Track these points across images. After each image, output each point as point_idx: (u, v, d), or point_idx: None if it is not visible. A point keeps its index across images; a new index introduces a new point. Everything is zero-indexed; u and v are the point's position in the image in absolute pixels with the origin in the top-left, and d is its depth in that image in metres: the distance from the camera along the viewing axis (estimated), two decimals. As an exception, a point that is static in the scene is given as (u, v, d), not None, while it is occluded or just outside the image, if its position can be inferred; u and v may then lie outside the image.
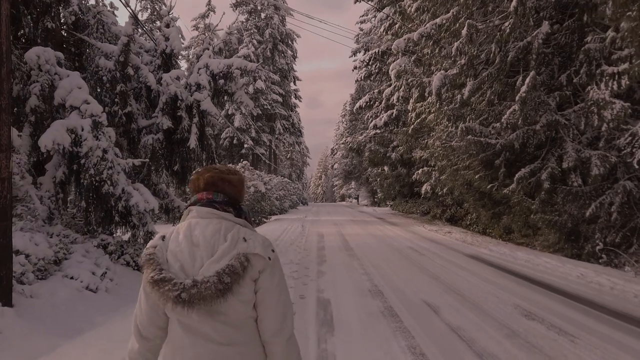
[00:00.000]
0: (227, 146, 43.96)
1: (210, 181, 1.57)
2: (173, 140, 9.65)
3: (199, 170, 1.66)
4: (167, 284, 1.37)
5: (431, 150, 12.22)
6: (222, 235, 1.47)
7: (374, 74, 21.29)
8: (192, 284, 1.37)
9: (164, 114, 9.38)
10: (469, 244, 11.66)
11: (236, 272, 1.38)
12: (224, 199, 1.56)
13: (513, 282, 6.81)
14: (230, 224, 1.52)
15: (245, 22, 48.37)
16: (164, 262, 1.45)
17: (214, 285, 1.35)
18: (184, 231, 1.51)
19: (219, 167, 1.65)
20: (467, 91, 9.60)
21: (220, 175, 1.59)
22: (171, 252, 1.47)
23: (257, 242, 1.47)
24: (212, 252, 1.44)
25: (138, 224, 8.23)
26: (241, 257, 1.41)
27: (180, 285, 1.37)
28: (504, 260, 8.93)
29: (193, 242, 1.47)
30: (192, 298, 1.35)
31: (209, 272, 1.39)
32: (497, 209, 13.10)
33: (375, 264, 8.43)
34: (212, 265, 1.41)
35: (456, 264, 8.47)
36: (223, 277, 1.37)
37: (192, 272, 1.43)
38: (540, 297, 5.94)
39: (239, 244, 1.45)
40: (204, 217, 1.52)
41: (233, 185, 1.60)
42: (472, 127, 9.95)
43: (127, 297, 6.94)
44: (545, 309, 5.32)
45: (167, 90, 9.27)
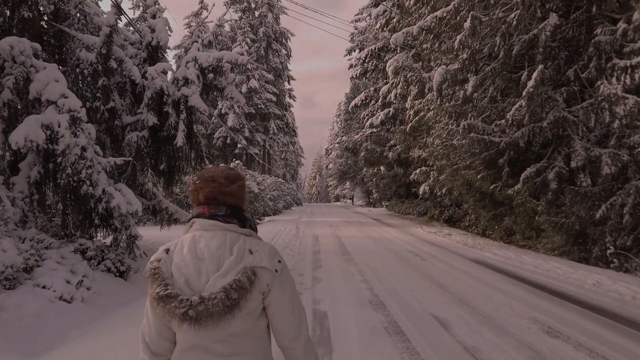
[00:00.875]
0: (221, 146, 43.51)
1: (210, 196, 1.52)
2: (159, 138, 9.11)
3: (196, 182, 1.57)
4: (174, 301, 1.33)
5: (430, 149, 11.74)
6: (227, 248, 1.43)
7: (370, 71, 20.76)
8: (199, 300, 1.33)
9: (149, 110, 8.83)
10: (471, 246, 11.18)
11: (243, 287, 1.35)
12: (227, 212, 1.52)
13: (525, 291, 6.32)
14: (235, 236, 1.47)
15: (238, 21, 48.02)
16: (169, 277, 1.41)
17: (221, 302, 1.32)
18: (188, 244, 1.47)
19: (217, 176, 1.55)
20: (470, 87, 9.11)
21: (219, 189, 1.52)
22: (176, 265, 1.43)
23: (263, 253, 1.43)
24: (218, 266, 1.40)
25: (120, 227, 7.68)
26: (248, 272, 1.37)
27: (187, 302, 1.33)
28: (511, 265, 8.45)
29: (198, 256, 1.43)
30: (200, 315, 1.32)
31: (215, 288, 1.36)
32: (498, 210, 12.66)
33: (375, 270, 7.94)
34: (218, 280, 1.37)
35: (461, 269, 7.98)
36: (230, 292, 1.33)
37: (197, 287, 1.39)
38: (558, 308, 5.42)
39: (245, 257, 1.41)
40: (208, 229, 1.48)
41: (234, 195, 1.55)
42: (475, 125, 9.47)
43: (106, 307, 6.40)
44: (568, 324, 4.81)
45: (152, 85, 8.72)
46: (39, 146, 6.58)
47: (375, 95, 20.92)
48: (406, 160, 19.47)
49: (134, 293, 7.42)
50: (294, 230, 16.17)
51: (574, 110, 8.71)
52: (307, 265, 8.54)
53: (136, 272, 8.17)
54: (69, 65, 8.75)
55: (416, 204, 23.57)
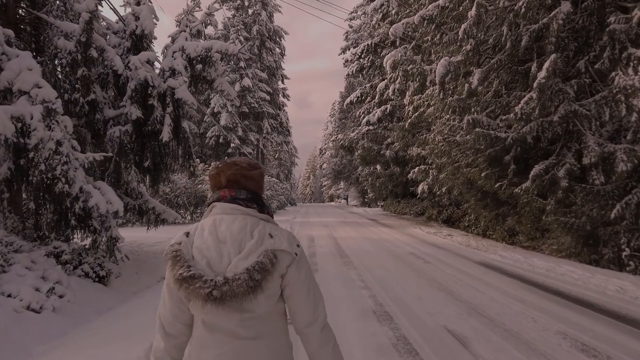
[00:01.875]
0: (213, 145, 42.98)
1: (233, 179, 1.56)
2: (144, 133, 8.50)
3: (219, 166, 1.60)
4: (198, 281, 1.35)
5: (431, 146, 11.20)
6: (248, 231, 1.46)
7: (366, 67, 20.21)
8: (224, 281, 1.36)
9: (133, 103, 8.23)
10: (475, 248, 10.64)
11: (265, 268, 1.38)
12: (247, 196, 1.55)
13: (544, 299, 5.74)
14: (255, 220, 1.50)
15: (232, 18, 47.53)
16: (190, 259, 1.43)
17: (245, 283, 1.34)
18: (208, 227, 1.48)
19: (240, 162, 1.60)
20: (475, 79, 8.58)
21: (242, 172, 1.56)
22: (197, 248, 1.45)
23: (283, 237, 1.46)
24: (240, 249, 1.43)
25: (100, 229, 7.08)
26: (269, 254, 1.40)
27: (211, 282, 1.35)
28: (521, 268, 7.89)
29: (219, 239, 1.46)
30: (224, 295, 1.34)
31: (238, 269, 1.38)
32: (500, 210, 12.17)
33: (376, 275, 7.38)
34: (241, 262, 1.40)
35: (469, 274, 7.42)
36: (253, 274, 1.36)
37: (219, 269, 1.41)
38: (587, 320, 4.83)
39: (265, 240, 1.44)
40: (229, 213, 1.51)
41: (255, 180, 1.59)
42: (480, 120, 8.94)
43: (81, 317, 5.81)
44: (602, 339, 4.20)
45: (135, 76, 8.12)
46: (8, 140, 5.99)
47: (371, 92, 20.35)
48: (403, 158, 18.92)
49: (114, 300, 6.84)
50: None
51: (585, 104, 8.20)
52: None
53: (118, 277, 7.59)
54: (47, 54, 8.15)
55: (413, 204, 23.04)
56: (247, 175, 1.56)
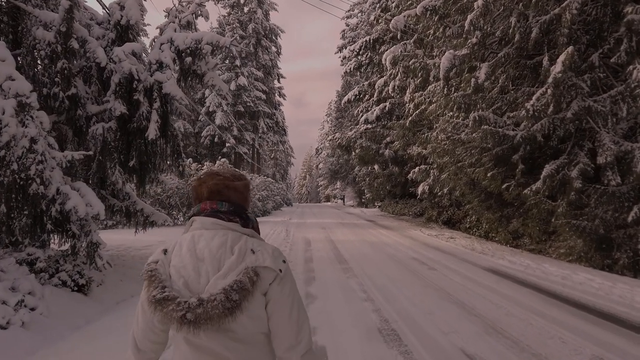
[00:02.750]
0: (208, 145, 42.57)
1: (215, 189, 1.46)
2: (129, 130, 7.96)
3: (200, 177, 1.52)
4: (171, 304, 1.26)
5: (433, 145, 10.69)
6: (228, 247, 1.36)
7: (364, 64, 19.65)
8: (198, 302, 1.25)
9: (117, 98, 7.69)
10: (480, 252, 10.12)
11: (245, 288, 1.27)
12: (230, 208, 1.45)
13: (568, 313, 5.15)
14: (237, 235, 1.40)
15: (227, 17, 47.11)
16: (167, 279, 1.34)
17: (221, 304, 1.24)
18: (187, 244, 1.39)
19: (223, 172, 1.52)
20: (483, 73, 8.07)
21: (225, 182, 1.47)
22: (174, 267, 1.37)
23: (266, 253, 1.36)
24: (219, 267, 1.33)
25: (79, 233, 6.55)
26: (250, 272, 1.30)
27: (185, 304, 1.25)
28: (534, 276, 7.34)
29: (197, 256, 1.36)
30: (198, 318, 1.24)
31: (215, 289, 1.28)
32: (505, 212, 11.70)
33: (379, 284, 6.81)
34: (219, 281, 1.30)
35: (479, 282, 6.86)
36: (231, 294, 1.26)
37: (197, 288, 1.32)
38: (621, 340, 4.23)
39: (247, 256, 1.34)
40: (209, 228, 1.42)
41: (239, 192, 1.49)
42: (486, 117, 8.43)
43: (55, 332, 5.27)
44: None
45: (119, 68, 7.58)
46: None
47: (369, 90, 19.81)
48: (402, 158, 18.40)
49: (95, 311, 6.29)
50: (284, 233, 15.02)
51: (599, 100, 7.70)
52: (299, 277, 7.39)
53: (100, 285, 7.05)
54: (24, 46, 7.59)
55: (411, 205, 22.53)
56: (230, 186, 1.47)
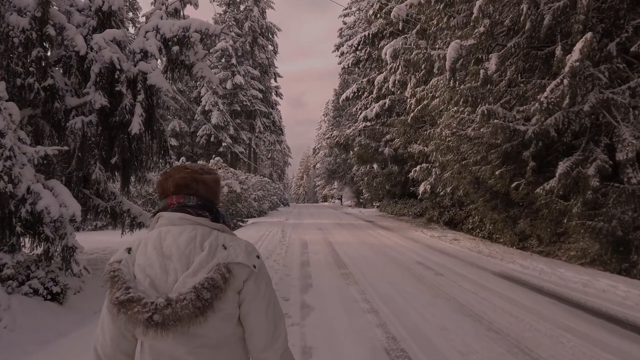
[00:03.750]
0: (204, 144, 42.21)
1: (182, 183, 1.37)
2: (111, 125, 7.38)
3: (167, 171, 1.43)
4: (136, 305, 1.16)
5: (436, 142, 10.13)
6: (198, 243, 1.27)
7: (362, 60, 19.08)
8: (166, 303, 1.16)
9: (97, 89, 7.12)
10: (488, 255, 9.55)
11: (217, 285, 1.19)
12: (198, 202, 1.36)
13: (601, 329, 4.55)
14: (206, 230, 1.32)
15: (223, 15, 46.65)
16: (131, 279, 1.24)
17: (191, 303, 1.16)
18: (153, 241, 1.30)
19: (191, 166, 1.43)
20: (493, 64, 7.50)
21: (192, 175, 1.38)
22: (139, 266, 1.27)
23: (239, 248, 1.28)
24: (188, 264, 1.24)
25: (53, 236, 5.98)
26: (222, 268, 1.22)
27: (151, 305, 1.16)
28: (552, 282, 6.70)
29: (164, 254, 1.26)
30: (167, 320, 1.15)
31: (184, 288, 1.19)
32: (511, 212, 11.16)
33: (382, 292, 6.17)
34: (189, 279, 1.21)
35: (493, 290, 6.26)
36: (202, 292, 1.17)
37: (164, 288, 1.23)
38: None
39: (218, 252, 1.26)
40: (176, 224, 1.32)
41: (208, 186, 1.40)
42: (495, 111, 7.88)
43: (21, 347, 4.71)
44: None
45: (100, 57, 6.99)
46: None
47: (368, 87, 19.23)
48: (402, 157, 17.82)
49: (70, 322, 5.71)
50: (280, 234, 14.41)
51: (618, 92, 7.15)
52: (294, 283, 6.78)
53: (78, 292, 6.47)
54: (-2, 33, 7.01)
55: (411, 205, 21.96)
56: (198, 180, 1.38)
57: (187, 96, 44.80)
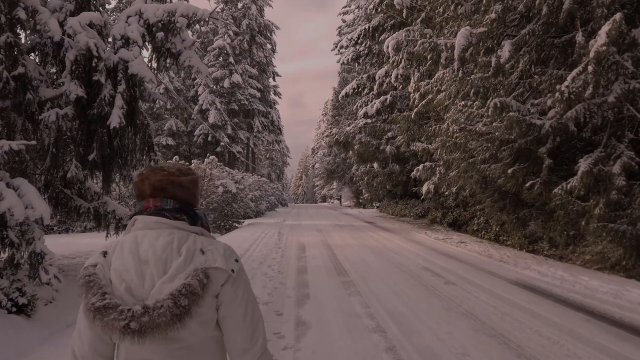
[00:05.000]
0: (202, 143, 41.74)
1: (158, 186, 1.31)
2: (89, 118, 6.72)
3: (143, 172, 1.37)
4: (112, 312, 1.12)
5: (442, 139, 9.49)
6: (175, 248, 1.23)
7: (362, 55, 18.44)
8: (143, 310, 1.13)
9: (74, 79, 6.47)
10: (499, 260, 8.90)
11: (194, 292, 1.15)
12: (175, 206, 1.31)
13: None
14: (184, 234, 1.27)
15: (220, 12, 46.13)
16: (107, 284, 1.20)
17: (168, 311, 1.12)
18: (129, 245, 1.26)
19: (168, 167, 1.36)
20: (506, 51, 6.86)
21: (169, 178, 1.32)
22: (115, 271, 1.22)
23: (217, 253, 1.24)
24: (165, 270, 1.20)
25: (19, 241, 5.35)
26: (200, 274, 1.17)
27: (128, 313, 1.12)
28: (576, 292, 6.05)
29: (141, 259, 1.22)
30: (144, 327, 1.11)
31: (161, 294, 1.16)
32: (521, 213, 10.53)
33: (389, 306, 5.43)
34: (165, 285, 1.17)
35: (513, 303, 5.57)
36: (179, 299, 1.13)
37: (141, 294, 1.19)
38: None
39: (196, 257, 1.22)
40: (152, 227, 1.28)
41: (185, 188, 1.34)
42: (509, 103, 7.24)
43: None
44: None
45: (75, 44, 6.35)
46: None
47: (368, 83, 18.57)
48: (404, 155, 17.17)
49: (37, 338, 5.08)
50: (276, 236, 13.74)
51: (644, 81, 6.52)
52: (289, 294, 6.07)
53: (49, 303, 5.82)
54: (-37, 17, 6.35)
55: (412, 205, 21.32)
56: (175, 182, 1.32)
57: (184, 95, 44.21)
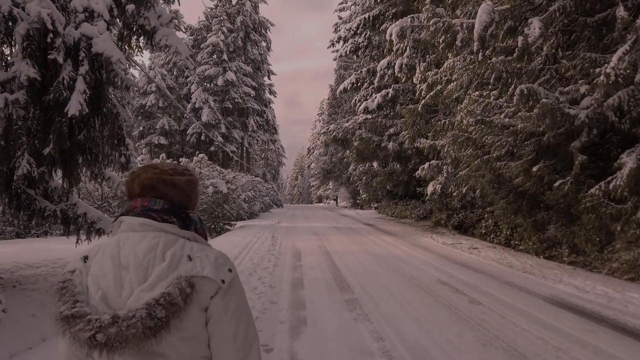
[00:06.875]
0: (195, 142, 40.84)
1: (147, 184, 1.18)
2: (45, 104, 5.66)
3: (134, 170, 1.23)
4: (79, 322, 0.99)
5: (454, 133, 8.50)
6: (159, 252, 1.09)
7: (362, 47, 17.42)
8: (111, 320, 0.99)
9: (25, 57, 5.41)
10: (522, 270, 7.87)
11: (174, 302, 1.01)
12: (164, 206, 1.16)
13: None
14: (171, 238, 1.12)
15: (214, 9, 45.33)
16: (82, 292, 1.07)
17: (140, 322, 0.98)
18: (110, 249, 1.12)
19: (162, 165, 1.22)
20: (536, 28, 5.85)
21: (160, 176, 1.18)
22: (92, 276, 1.10)
23: (206, 260, 1.09)
24: (145, 277, 1.07)
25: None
26: (182, 282, 1.03)
27: (95, 322, 0.99)
28: (634, 316, 5.01)
29: (121, 264, 1.09)
30: (112, 340, 0.97)
31: (137, 304, 1.02)
32: (539, 216, 9.58)
33: (408, 338, 4.26)
34: (144, 293, 1.04)
35: (560, 331, 4.44)
36: (155, 309, 0.99)
37: (117, 303, 1.06)
38: None
39: (181, 264, 1.07)
40: (137, 230, 1.14)
41: (179, 188, 1.20)
42: (536, 90, 6.25)
43: None
44: None
45: (26, 15, 5.30)
46: None
47: (368, 77, 17.54)
48: (407, 153, 16.16)
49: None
50: (269, 241, 12.66)
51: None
52: (282, 317, 4.96)
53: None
54: None
55: (414, 206, 20.31)
56: (167, 181, 1.18)
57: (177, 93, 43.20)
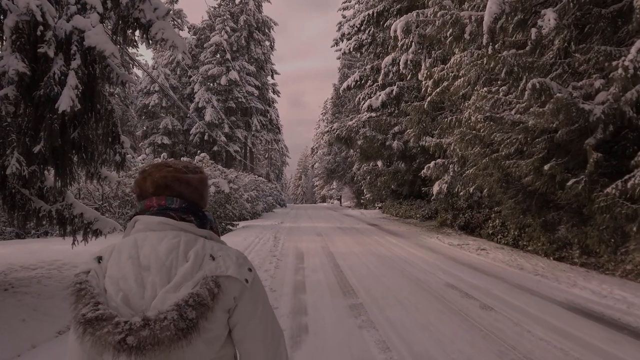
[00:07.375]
0: (198, 142, 40.73)
1: (162, 183, 1.15)
2: (36, 100, 5.44)
3: (146, 169, 1.21)
4: (107, 325, 0.94)
5: (462, 130, 8.23)
6: (181, 252, 1.06)
7: (365, 44, 17.15)
8: (143, 323, 0.94)
9: (15, 51, 5.18)
10: (534, 273, 7.56)
11: (204, 303, 0.98)
12: (182, 205, 1.14)
13: None
14: (191, 237, 1.10)
15: (217, 8, 45.26)
16: (101, 293, 1.01)
17: (173, 324, 0.94)
18: (128, 250, 1.07)
19: (173, 163, 1.21)
20: (551, 19, 5.57)
21: (175, 174, 1.16)
22: (110, 278, 1.04)
23: (229, 259, 1.07)
24: (169, 277, 1.03)
25: None
26: (209, 283, 1.01)
27: (125, 325, 0.94)
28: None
29: (141, 265, 1.05)
30: (143, 343, 0.93)
31: (164, 305, 0.99)
32: (549, 216, 9.30)
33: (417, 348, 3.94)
34: (169, 295, 1.00)
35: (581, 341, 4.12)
36: (185, 311, 0.96)
37: (140, 305, 1.01)
38: None
39: (205, 263, 1.05)
40: (155, 229, 1.11)
41: (192, 187, 1.18)
42: (549, 85, 5.97)
43: None
44: None
45: (15, 8, 5.07)
46: None
47: (372, 74, 17.26)
48: (412, 152, 15.87)
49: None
50: (272, 241, 12.41)
51: None
52: (283, 324, 4.55)
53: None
54: None
55: (418, 206, 20.01)
56: (181, 179, 1.16)
57: (180, 92, 43.08)
